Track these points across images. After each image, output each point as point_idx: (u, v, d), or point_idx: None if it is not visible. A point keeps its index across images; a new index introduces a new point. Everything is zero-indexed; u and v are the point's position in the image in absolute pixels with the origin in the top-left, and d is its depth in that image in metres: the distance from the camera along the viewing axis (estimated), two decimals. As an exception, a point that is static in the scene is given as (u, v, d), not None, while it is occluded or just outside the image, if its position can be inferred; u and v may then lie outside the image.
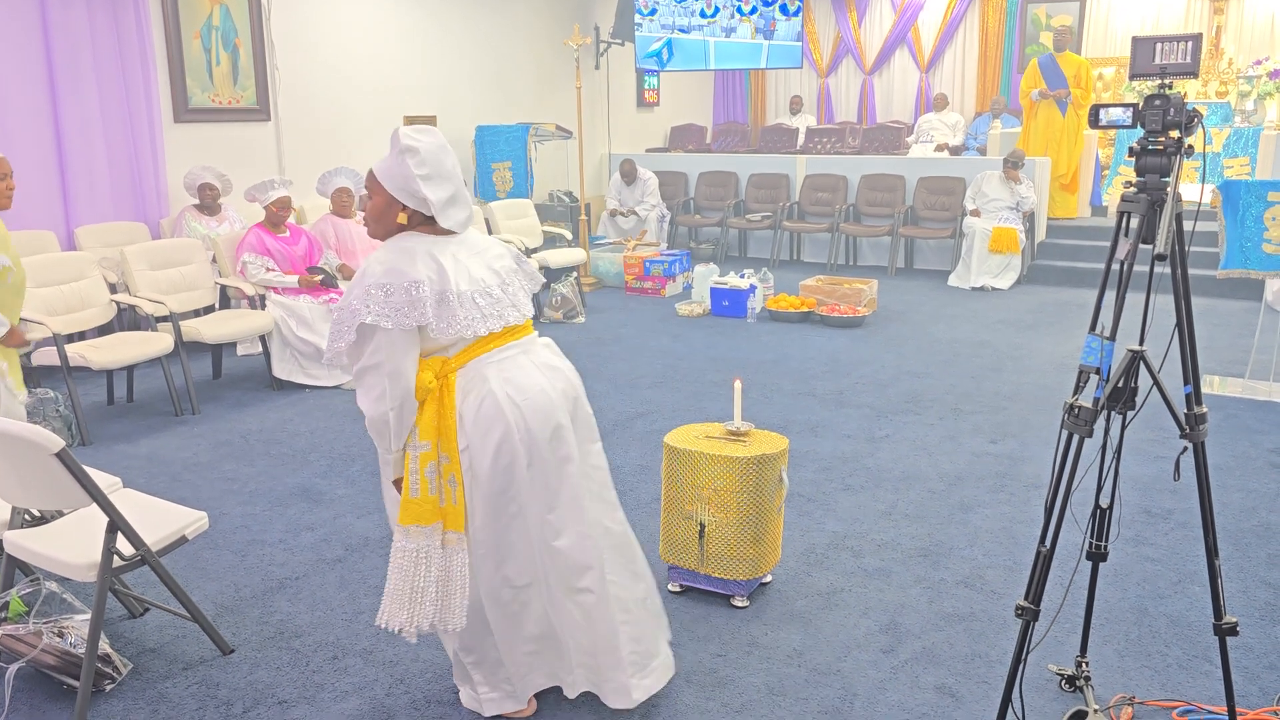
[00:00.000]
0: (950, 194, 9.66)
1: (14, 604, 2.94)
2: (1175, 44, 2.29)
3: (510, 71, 10.22)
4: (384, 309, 2.26)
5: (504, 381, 2.41)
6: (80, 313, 5.37)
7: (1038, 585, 2.36)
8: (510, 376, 2.43)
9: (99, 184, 6.65)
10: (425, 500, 2.35)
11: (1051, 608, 3.01)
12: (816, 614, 3.23)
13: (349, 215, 6.60)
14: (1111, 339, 2.28)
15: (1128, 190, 2.33)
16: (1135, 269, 2.29)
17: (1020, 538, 3.78)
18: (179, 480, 4.49)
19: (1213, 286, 8.31)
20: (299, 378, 5.91)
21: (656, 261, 8.82)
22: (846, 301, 7.70)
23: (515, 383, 2.42)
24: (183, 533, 2.93)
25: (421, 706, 2.74)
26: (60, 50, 6.35)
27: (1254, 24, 11.61)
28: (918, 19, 13.40)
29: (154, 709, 2.75)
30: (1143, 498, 4.14)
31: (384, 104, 8.83)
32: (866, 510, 4.07)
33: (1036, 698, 2.73)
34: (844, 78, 14.28)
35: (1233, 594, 3.32)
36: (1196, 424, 2.32)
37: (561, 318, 7.70)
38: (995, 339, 7.03)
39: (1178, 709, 2.68)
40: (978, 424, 5.14)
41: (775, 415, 5.28)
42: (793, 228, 10.21)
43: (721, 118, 14.35)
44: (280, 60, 7.89)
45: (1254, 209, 5.48)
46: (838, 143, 12.31)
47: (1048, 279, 9.24)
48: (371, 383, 2.31)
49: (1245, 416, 5.22)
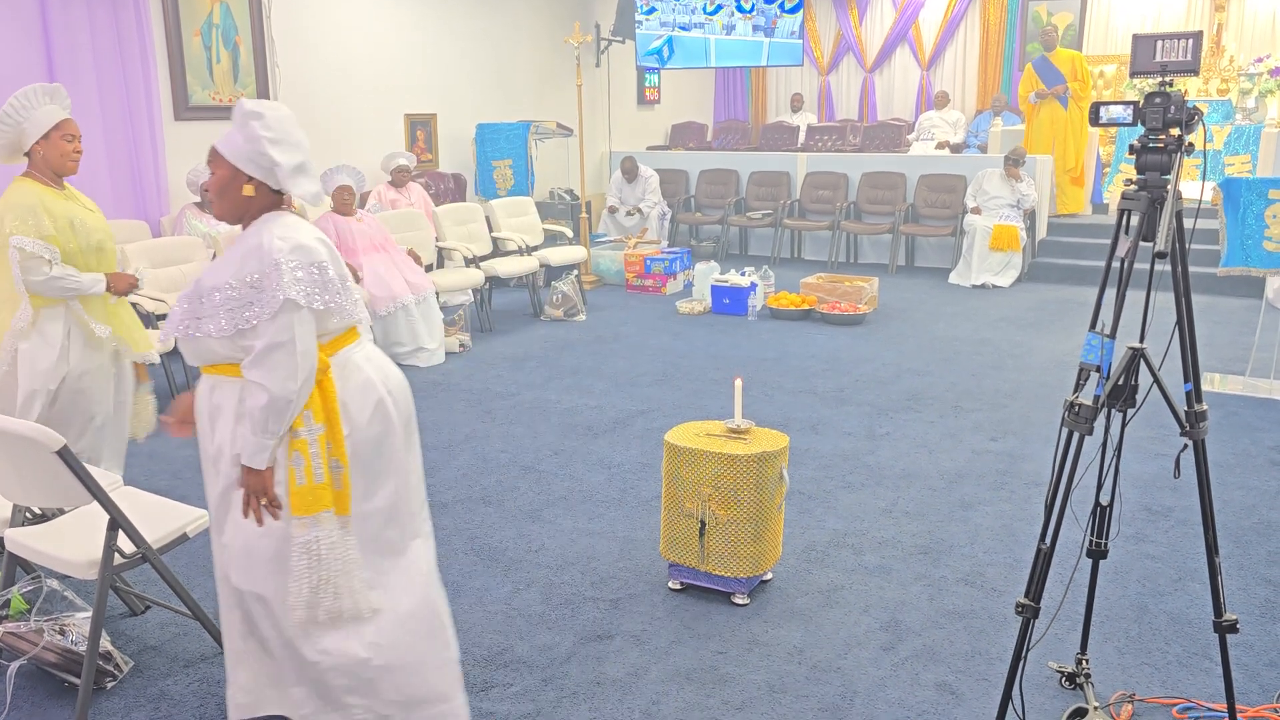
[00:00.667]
0: (951, 192, 9.65)
1: (15, 602, 2.95)
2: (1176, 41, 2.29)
3: (511, 69, 10.21)
4: (306, 287, 2.24)
5: (375, 368, 2.43)
6: (81, 311, 5.37)
7: (1038, 583, 2.36)
8: (379, 364, 2.46)
9: (99, 182, 6.65)
10: (321, 486, 2.29)
11: (1052, 605, 3.01)
12: (817, 611, 3.24)
13: (350, 213, 6.59)
14: (1112, 337, 2.28)
15: (1128, 188, 2.33)
16: (1136, 266, 2.29)
17: (1020, 535, 3.79)
18: (180, 478, 4.49)
19: (1213, 284, 8.31)
20: (300, 376, 5.91)
21: (657, 259, 8.82)
22: (847, 299, 7.70)
23: (384, 370, 2.45)
24: (184, 530, 2.93)
25: (422, 704, 2.74)
26: (60, 48, 6.34)
27: (1255, 21, 11.60)
28: (919, 16, 13.38)
29: (155, 706, 2.75)
30: (1143, 495, 4.14)
31: (384, 102, 8.83)
32: (867, 508, 4.07)
33: (1037, 695, 2.73)
34: (845, 75, 14.27)
35: (1233, 591, 3.33)
36: (1197, 422, 2.32)
37: (562, 315, 7.71)
38: (996, 337, 7.03)
39: (1178, 706, 2.68)
40: (978, 422, 5.15)
41: (776, 413, 5.28)
42: (793, 225, 10.21)
43: (722, 115, 14.34)
44: (281, 58, 7.88)
45: (1255, 206, 5.48)
46: (838, 140, 12.31)
47: (1048, 277, 9.23)
48: (280, 360, 2.22)
49: (1246, 414, 5.22)
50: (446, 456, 4.72)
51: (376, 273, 6.42)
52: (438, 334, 6.54)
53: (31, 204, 3.36)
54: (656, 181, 10.30)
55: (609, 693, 2.80)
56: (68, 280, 3.43)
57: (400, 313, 6.35)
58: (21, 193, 3.40)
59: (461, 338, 6.83)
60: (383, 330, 6.35)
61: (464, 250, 7.43)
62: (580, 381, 5.92)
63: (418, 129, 9.21)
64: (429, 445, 4.86)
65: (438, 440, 4.93)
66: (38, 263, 3.35)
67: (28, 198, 3.38)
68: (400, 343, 6.39)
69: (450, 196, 9.08)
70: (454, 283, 7.03)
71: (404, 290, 6.41)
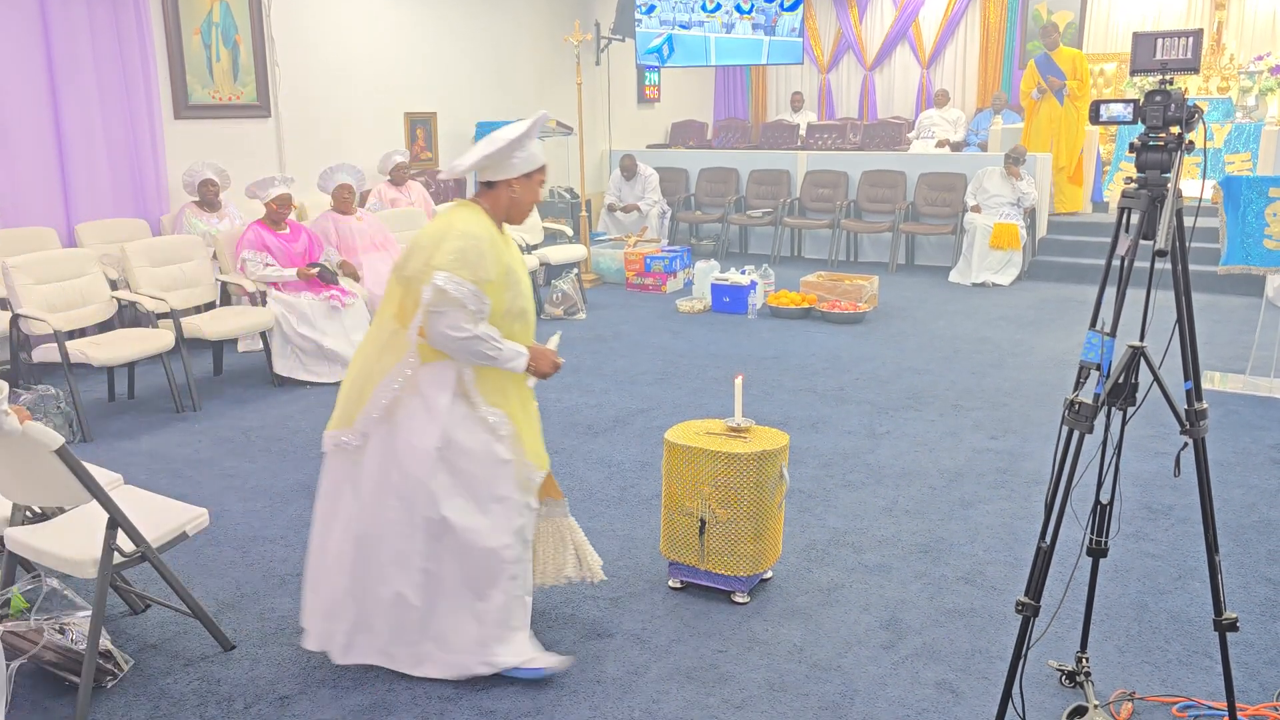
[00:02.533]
0: (951, 190, 9.65)
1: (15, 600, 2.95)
2: (1176, 39, 2.29)
3: (511, 68, 10.21)
4: None
5: None
6: (81, 309, 5.37)
7: (1038, 581, 2.36)
8: None
9: (99, 180, 6.65)
10: None
11: (1052, 604, 3.01)
12: (817, 610, 3.24)
13: (350, 212, 6.59)
14: (1112, 335, 2.28)
15: (1128, 186, 2.33)
16: (1136, 265, 2.29)
17: (1020, 534, 3.78)
18: (180, 477, 4.49)
19: (1214, 282, 8.30)
20: (300, 374, 5.91)
21: (657, 258, 8.81)
22: (847, 298, 7.70)
23: None
24: (183, 529, 2.94)
25: (422, 701, 2.75)
26: (60, 47, 6.34)
27: (1255, 19, 11.59)
28: (919, 15, 13.38)
29: (155, 705, 2.75)
30: (1143, 494, 4.14)
31: (384, 100, 8.83)
32: (867, 506, 4.07)
33: (1037, 693, 2.73)
34: (845, 74, 14.27)
35: (1233, 590, 3.33)
36: (1197, 420, 2.32)
37: (562, 314, 7.70)
38: (996, 335, 7.02)
39: (1178, 705, 2.68)
40: (978, 420, 5.14)
41: (776, 412, 5.28)
42: (794, 224, 10.21)
43: (722, 114, 14.33)
44: (280, 56, 7.88)
45: (1255, 205, 5.47)
46: (839, 139, 12.31)
47: (1048, 275, 9.23)
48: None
49: (1246, 412, 5.22)
50: (446, 455, 4.71)
51: (377, 271, 6.42)
52: (438, 333, 6.53)
53: (480, 238, 2.69)
54: (656, 180, 10.29)
55: (609, 691, 2.80)
56: (488, 344, 2.69)
57: (400, 311, 6.34)
58: (474, 220, 2.74)
59: (461, 336, 6.82)
60: (383, 329, 6.34)
61: (464, 249, 7.41)
62: (580, 380, 5.92)
63: (417, 128, 9.21)
64: (429, 444, 4.86)
65: (438, 439, 4.93)
66: (460, 313, 2.63)
67: (480, 228, 2.72)
68: (400, 341, 6.37)
69: (450, 195, 9.08)
70: (454, 281, 7.01)
71: (404, 289, 6.40)
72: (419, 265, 2.64)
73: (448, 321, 2.61)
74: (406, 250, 2.74)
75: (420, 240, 2.71)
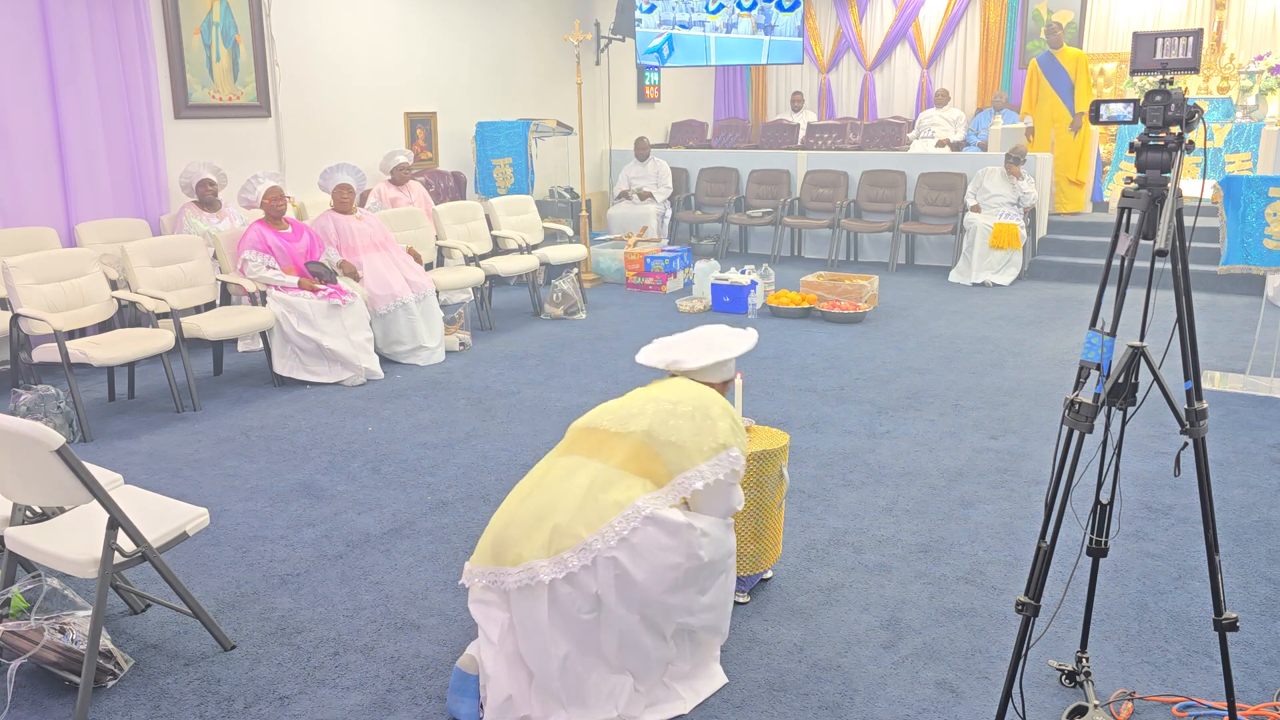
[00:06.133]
0: (951, 190, 9.65)
1: (15, 600, 2.95)
2: (1176, 39, 2.29)
3: (511, 68, 10.21)
4: None
5: None
6: (81, 309, 5.37)
7: (1038, 581, 2.36)
8: None
9: (99, 180, 6.65)
10: None
11: (1052, 603, 3.01)
12: (817, 610, 3.24)
13: (350, 211, 6.59)
14: (1112, 335, 2.27)
15: (1129, 186, 2.33)
16: (1136, 265, 2.29)
17: (1020, 533, 3.78)
18: (180, 476, 4.49)
19: (1214, 282, 8.30)
20: (300, 374, 5.91)
21: (657, 258, 8.81)
22: (847, 297, 7.70)
23: None
24: (184, 529, 2.94)
25: (422, 702, 2.75)
26: (60, 47, 6.34)
27: (1255, 19, 11.59)
28: (919, 14, 13.38)
29: (155, 705, 2.75)
30: (1143, 493, 4.14)
31: (384, 100, 8.83)
32: (867, 506, 4.07)
33: (1037, 693, 2.73)
34: (845, 73, 14.27)
35: (1233, 589, 3.33)
36: (1197, 420, 2.32)
37: (562, 314, 7.70)
38: (996, 335, 7.02)
39: (1178, 704, 2.68)
40: (978, 420, 5.14)
41: (776, 411, 5.28)
42: (794, 224, 10.21)
43: (722, 113, 14.33)
44: (280, 56, 7.88)
45: (1255, 204, 5.47)
46: (839, 138, 12.30)
47: (1048, 275, 9.23)
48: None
49: (1246, 412, 5.22)
50: (447, 455, 4.72)
51: (377, 271, 6.42)
52: (438, 332, 6.54)
53: None
54: (668, 169, 10.36)
55: (609, 691, 2.79)
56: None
57: (400, 311, 6.35)
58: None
59: (462, 336, 6.83)
60: (383, 328, 6.35)
61: (464, 249, 7.43)
62: (580, 380, 5.92)
63: (417, 127, 9.21)
64: (429, 443, 4.86)
65: (438, 438, 4.93)
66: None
67: None
68: (400, 341, 6.39)
69: (450, 195, 9.08)
70: (454, 281, 7.03)
71: (404, 289, 6.41)
72: (693, 437, 2.61)
73: (739, 494, 2.75)
74: (654, 414, 2.66)
75: (675, 408, 2.67)
